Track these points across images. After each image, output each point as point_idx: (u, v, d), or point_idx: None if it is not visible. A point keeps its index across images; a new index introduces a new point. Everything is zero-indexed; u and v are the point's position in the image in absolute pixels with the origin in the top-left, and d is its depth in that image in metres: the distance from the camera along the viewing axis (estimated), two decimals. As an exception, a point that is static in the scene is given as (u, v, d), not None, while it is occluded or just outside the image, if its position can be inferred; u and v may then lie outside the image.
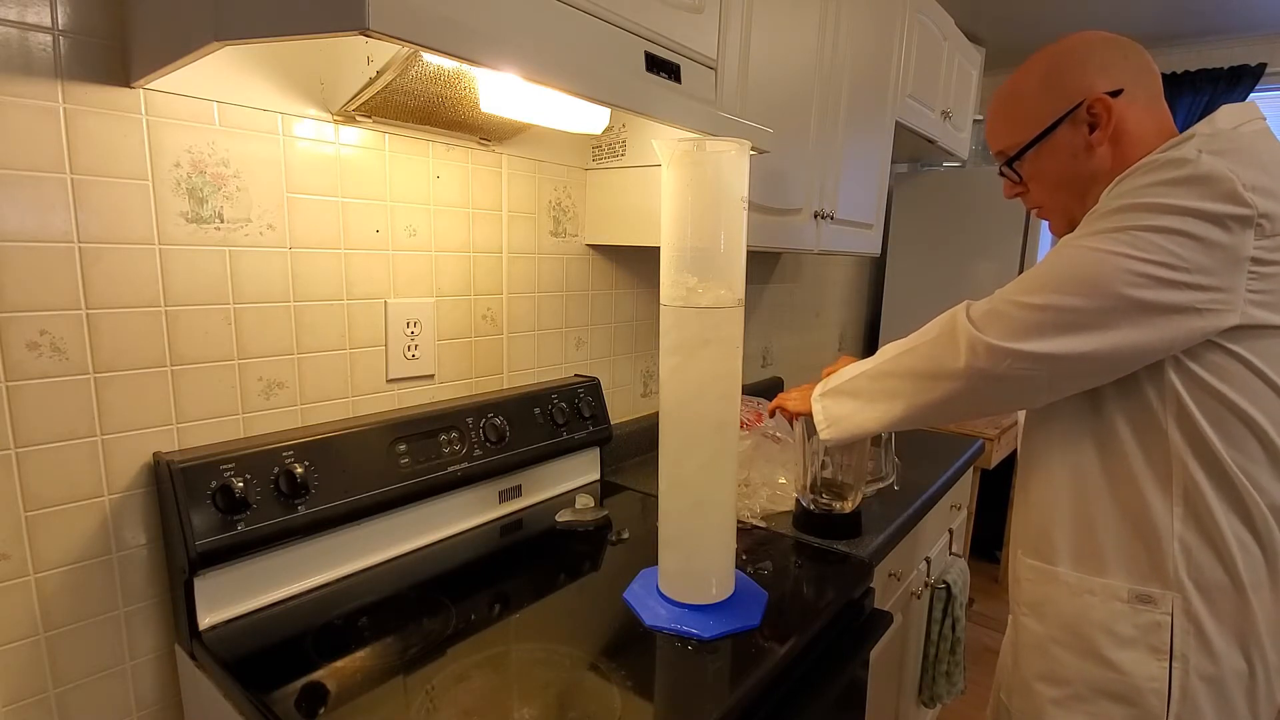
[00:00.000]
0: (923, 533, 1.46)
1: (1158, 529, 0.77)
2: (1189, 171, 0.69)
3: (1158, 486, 0.76)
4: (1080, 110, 0.81)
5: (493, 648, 0.81)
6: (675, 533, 0.89)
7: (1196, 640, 0.76)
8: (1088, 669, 0.82)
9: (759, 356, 2.12)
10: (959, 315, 0.80)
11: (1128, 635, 0.79)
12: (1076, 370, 0.74)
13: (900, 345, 0.89)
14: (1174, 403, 0.74)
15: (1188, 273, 0.68)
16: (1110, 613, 0.80)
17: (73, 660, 0.79)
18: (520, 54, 0.64)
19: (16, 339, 0.71)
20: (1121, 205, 0.73)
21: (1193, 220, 0.68)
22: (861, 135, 1.67)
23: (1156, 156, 0.74)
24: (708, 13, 1.07)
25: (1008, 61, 3.07)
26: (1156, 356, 0.73)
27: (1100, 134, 0.81)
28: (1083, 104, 0.81)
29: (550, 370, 1.34)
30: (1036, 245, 2.46)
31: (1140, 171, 0.74)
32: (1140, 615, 0.78)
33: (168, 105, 0.79)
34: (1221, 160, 0.69)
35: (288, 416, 0.94)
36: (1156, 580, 0.77)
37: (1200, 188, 0.68)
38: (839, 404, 0.95)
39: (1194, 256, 0.68)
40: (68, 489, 0.76)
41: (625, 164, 1.25)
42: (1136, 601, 0.78)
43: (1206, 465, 0.74)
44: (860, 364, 0.96)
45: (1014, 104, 0.87)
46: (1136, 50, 0.83)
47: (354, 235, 0.99)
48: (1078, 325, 0.72)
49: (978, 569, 2.79)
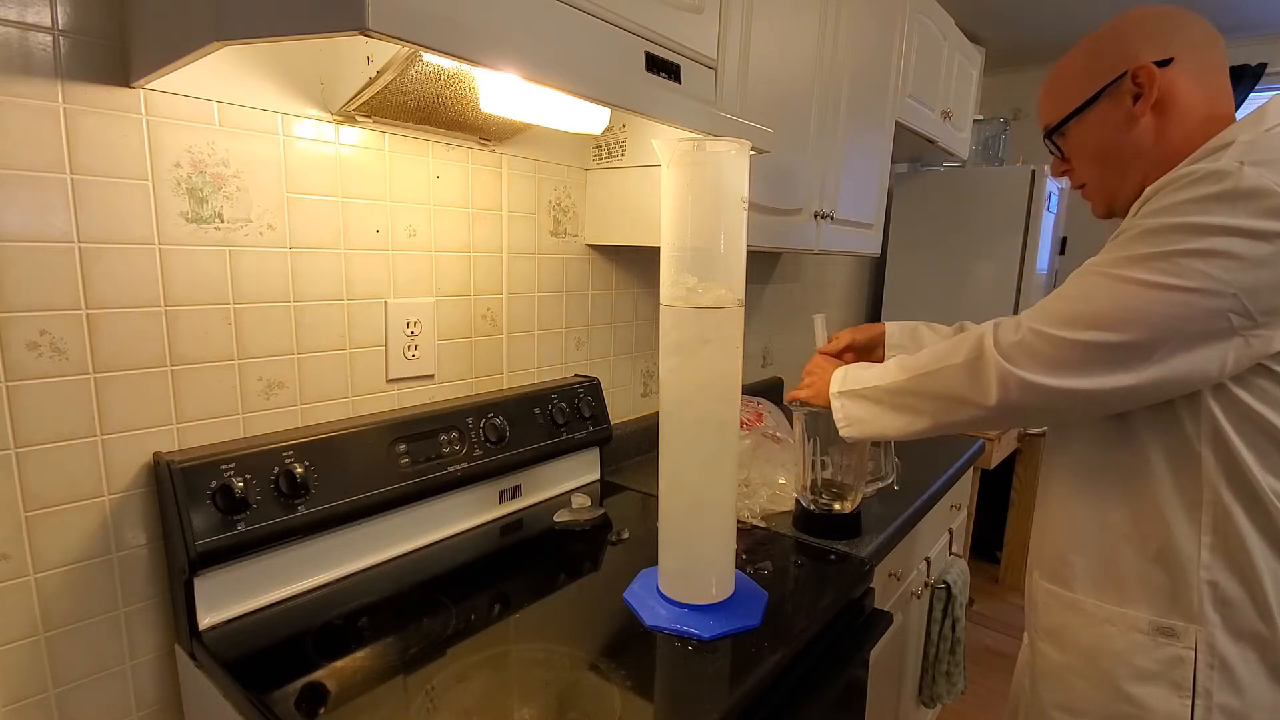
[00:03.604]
0: (922, 533, 1.46)
1: (1182, 559, 0.73)
2: (1230, 185, 0.65)
3: (1185, 514, 0.73)
4: (1124, 81, 0.78)
5: (493, 648, 0.81)
6: (675, 533, 0.89)
7: (1221, 675, 0.72)
8: (1106, 702, 0.79)
9: (759, 356, 2.12)
10: (987, 343, 0.76)
11: (1148, 669, 0.75)
12: (1114, 402, 0.71)
13: (922, 363, 0.84)
14: (1210, 427, 0.70)
15: (1234, 298, 0.64)
16: (1130, 645, 0.77)
17: (73, 660, 0.79)
18: (520, 54, 0.64)
19: (16, 339, 0.71)
20: (1158, 226, 0.68)
21: (1237, 240, 0.64)
22: (861, 135, 1.67)
23: (1194, 168, 0.68)
24: (708, 13, 1.07)
25: (1008, 61, 3.07)
26: (1200, 385, 0.69)
27: (1143, 104, 0.77)
28: (1126, 74, 0.77)
29: (550, 370, 1.34)
30: (1036, 245, 2.46)
31: (1176, 186, 0.69)
32: (1161, 649, 0.75)
33: (168, 105, 0.79)
34: (1265, 172, 0.64)
35: (288, 416, 0.94)
36: (1179, 613, 0.74)
37: (1243, 204, 0.64)
38: (859, 407, 0.91)
39: (1239, 278, 0.64)
40: (68, 489, 0.76)
41: (625, 164, 1.25)
42: (1158, 634, 0.75)
43: (1241, 492, 0.70)
44: (879, 372, 0.90)
45: (1059, 77, 0.85)
46: (1193, 20, 0.78)
47: (354, 235, 0.99)
48: (1118, 361, 0.68)
49: (978, 569, 2.80)
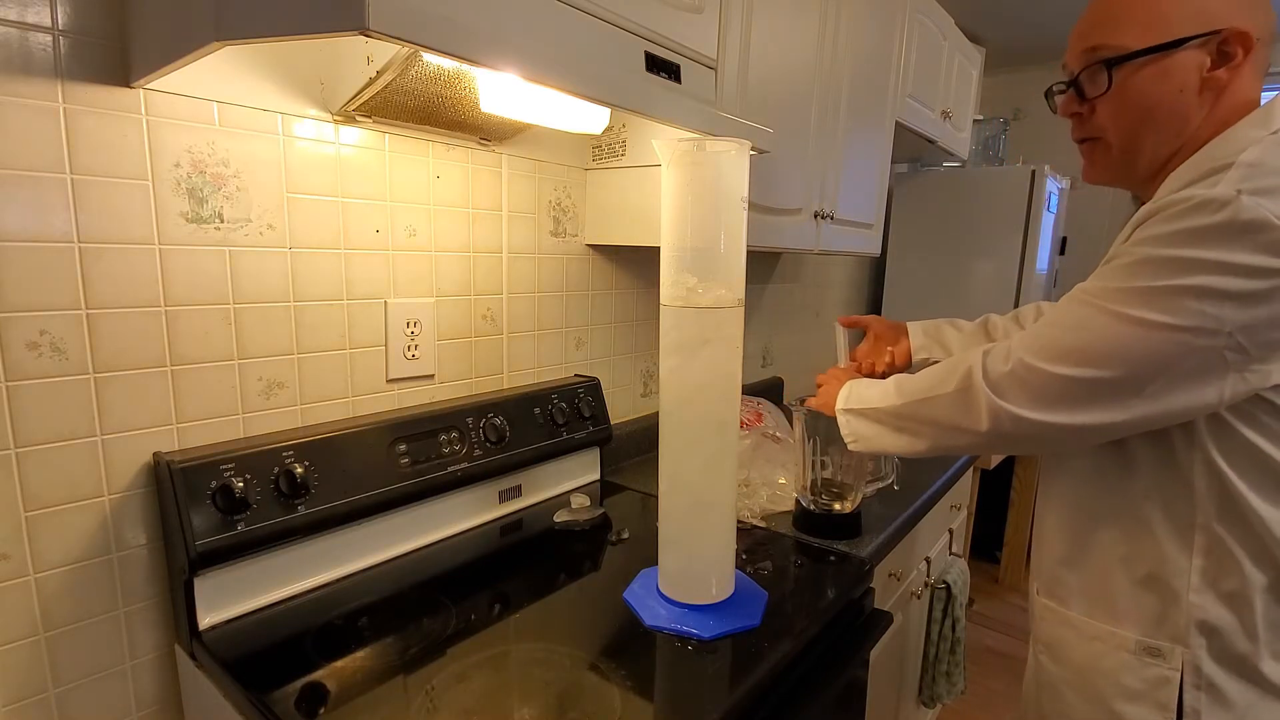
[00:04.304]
0: (922, 533, 1.46)
1: (1172, 582, 0.73)
2: (1227, 217, 0.61)
3: (1177, 538, 0.72)
4: (1211, 40, 0.69)
5: (493, 648, 0.81)
6: (675, 533, 0.89)
7: (1209, 696, 0.72)
8: (1098, 718, 0.79)
9: (759, 356, 2.12)
10: (976, 375, 0.74)
11: (1135, 689, 0.75)
12: (1105, 435, 0.71)
13: (918, 388, 0.83)
14: (1204, 454, 0.69)
15: (1229, 336, 0.62)
16: (1118, 663, 0.77)
17: (73, 660, 0.79)
18: (520, 54, 0.64)
19: (16, 339, 0.71)
20: (1152, 258, 0.65)
21: (1234, 278, 0.61)
22: (861, 135, 1.67)
23: (1191, 194, 0.64)
24: (708, 13, 1.07)
25: (1008, 61, 3.07)
26: (1194, 416, 0.68)
27: (1224, 72, 0.69)
28: (1223, 32, 0.68)
29: (550, 370, 1.34)
30: (1036, 245, 2.46)
31: (1171, 214, 0.65)
32: (1148, 669, 0.74)
33: (168, 105, 0.79)
34: (1265, 202, 0.60)
35: (288, 416, 0.94)
36: (1166, 634, 0.73)
37: (1241, 238, 0.60)
38: (863, 425, 0.91)
39: (1235, 316, 0.61)
40: (68, 489, 0.76)
41: (625, 164, 1.25)
42: (1144, 654, 0.75)
43: (1234, 518, 0.69)
44: (880, 392, 0.90)
45: (1131, 5, 0.73)
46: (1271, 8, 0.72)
47: (354, 235, 0.99)
48: (1108, 398, 0.67)
49: (978, 569, 2.79)
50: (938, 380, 0.80)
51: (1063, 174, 2.67)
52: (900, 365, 1.13)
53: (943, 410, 0.79)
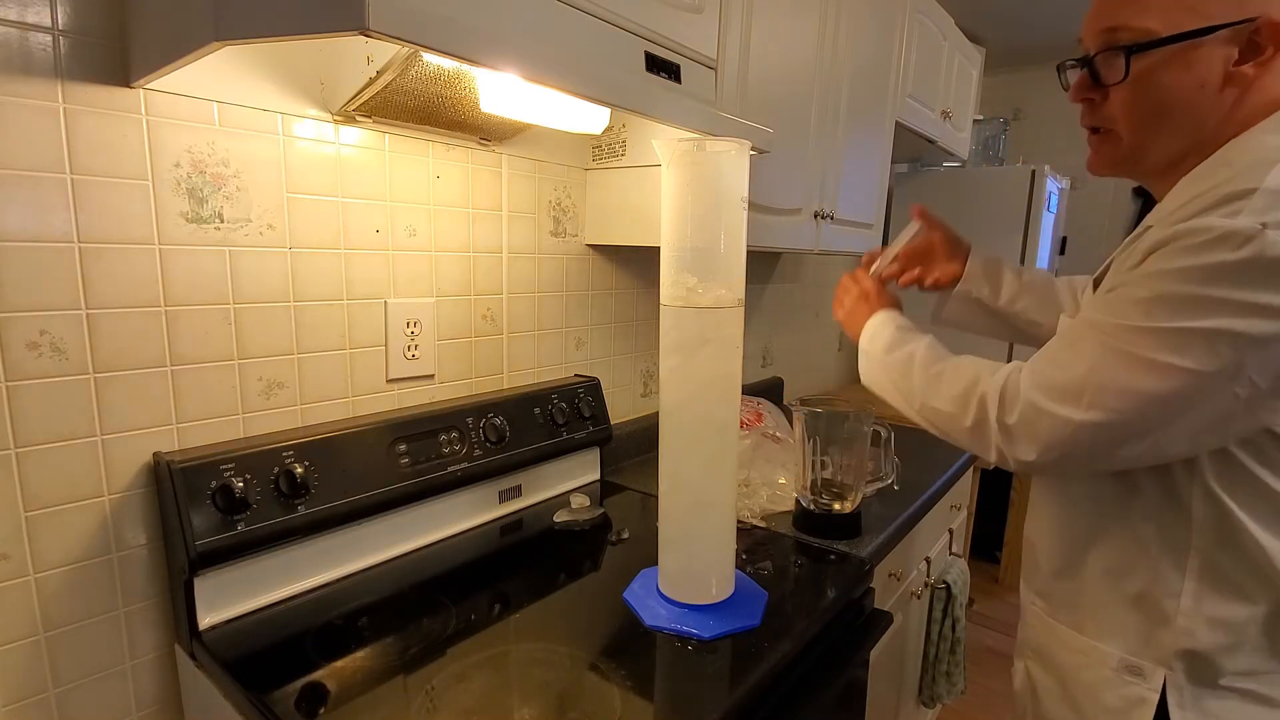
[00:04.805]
0: (922, 533, 1.46)
1: (1162, 603, 0.71)
2: (1250, 255, 0.57)
3: (1171, 559, 0.71)
4: (1247, 29, 0.63)
5: (493, 648, 0.81)
6: (675, 533, 0.89)
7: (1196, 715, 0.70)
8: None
9: (759, 356, 2.12)
10: (989, 411, 0.72)
11: (1114, 706, 0.75)
12: (1109, 469, 0.71)
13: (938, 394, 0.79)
14: (1203, 480, 0.68)
15: (1247, 379, 0.59)
16: (1099, 679, 0.76)
17: (73, 660, 0.79)
18: (520, 54, 0.64)
19: (16, 339, 0.71)
20: (1167, 294, 0.62)
21: (1256, 320, 0.57)
22: (861, 135, 1.67)
23: (1209, 224, 0.60)
24: (708, 13, 1.07)
25: (1008, 61, 3.07)
26: (1200, 453, 0.67)
27: (1251, 68, 0.64)
28: (1258, 21, 0.63)
29: (550, 370, 1.34)
30: (1036, 245, 2.46)
31: (1189, 246, 0.61)
32: (1127, 687, 0.73)
33: (168, 105, 0.79)
34: None
35: (288, 416, 0.94)
36: (1151, 654, 0.72)
37: (1265, 279, 0.57)
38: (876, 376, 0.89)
39: (1252, 358, 0.58)
40: (68, 489, 0.76)
41: (625, 164, 1.25)
42: (1125, 672, 0.74)
43: (1232, 548, 0.68)
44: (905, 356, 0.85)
45: None
46: None
47: (354, 235, 0.98)
48: (1122, 439, 0.65)
49: (978, 569, 2.79)
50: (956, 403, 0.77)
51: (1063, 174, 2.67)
52: (943, 285, 1.10)
53: (956, 433, 0.78)
